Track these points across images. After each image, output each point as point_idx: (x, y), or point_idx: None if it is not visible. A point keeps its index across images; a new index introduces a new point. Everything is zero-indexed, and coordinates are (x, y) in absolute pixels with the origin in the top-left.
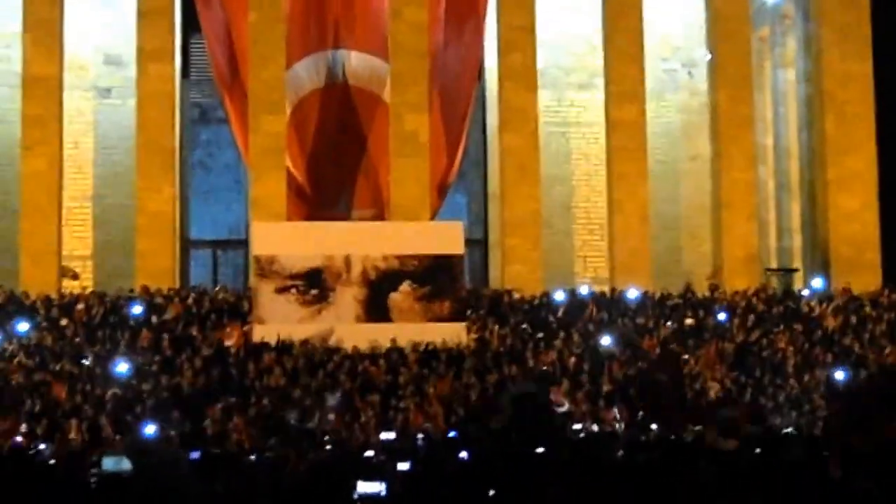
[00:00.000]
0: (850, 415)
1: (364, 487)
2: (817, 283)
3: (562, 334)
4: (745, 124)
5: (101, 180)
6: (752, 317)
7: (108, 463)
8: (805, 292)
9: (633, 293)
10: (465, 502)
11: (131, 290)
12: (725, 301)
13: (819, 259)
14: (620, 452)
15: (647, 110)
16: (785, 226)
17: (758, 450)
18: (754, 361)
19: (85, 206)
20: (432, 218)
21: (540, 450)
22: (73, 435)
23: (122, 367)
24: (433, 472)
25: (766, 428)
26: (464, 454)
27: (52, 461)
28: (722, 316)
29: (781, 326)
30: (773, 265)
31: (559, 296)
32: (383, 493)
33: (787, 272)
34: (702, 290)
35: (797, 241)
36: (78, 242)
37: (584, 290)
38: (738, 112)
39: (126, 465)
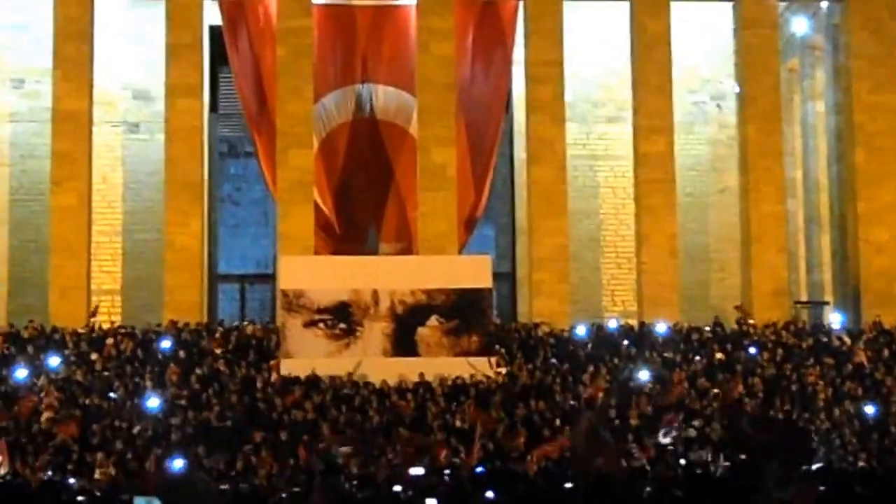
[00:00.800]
0: None
1: None
2: (835, 317)
3: (590, 368)
4: (775, 157)
5: (130, 215)
6: (781, 351)
7: (140, 503)
8: (835, 325)
9: (661, 327)
10: None
11: (159, 325)
12: (755, 335)
13: (849, 292)
14: (648, 489)
15: (675, 143)
16: (815, 259)
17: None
18: (784, 396)
19: (114, 240)
20: (460, 252)
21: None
22: (102, 470)
23: (153, 402)
24: None
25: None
26: (490, 493)
27: (81, 497)
28: (752, 350)
29: (812, 360)
30: (803, 298)
31: (580, 330)
32: None
33: (816, 305)
34: (730, 324)
35: (827, 275)
36: (107, 277)
37: (612, 323)
38: (767, 144)
39: None
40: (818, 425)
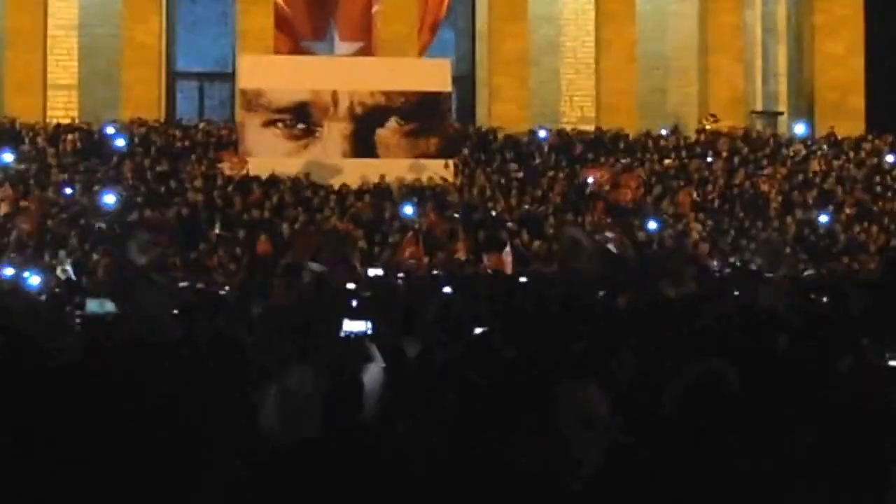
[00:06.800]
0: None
1: (350, 326)
2: (800, 128)
3: (549, 173)
4: None
5: (87, 10)
6: (736, 159)
7: (93, 305)
8: (789, 135)
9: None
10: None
11: (115, 121)
12: (710, 143)
13: (804, 103)
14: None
15: None
16: (771, 70)
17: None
18: (737, 204)
19: (70, 35)
20: (420, 55)
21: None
22: (62, 268)
23: (109, 199)
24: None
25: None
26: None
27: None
28: (708, 159)
29: (765, 169)
30: (759, 108)
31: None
32: (369, 331)
33: (771, 115)
34: (688, 132)
35: (783, 85)
36: (63, 72)
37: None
38: None
39: (110, 307)
40: (769, 234)
